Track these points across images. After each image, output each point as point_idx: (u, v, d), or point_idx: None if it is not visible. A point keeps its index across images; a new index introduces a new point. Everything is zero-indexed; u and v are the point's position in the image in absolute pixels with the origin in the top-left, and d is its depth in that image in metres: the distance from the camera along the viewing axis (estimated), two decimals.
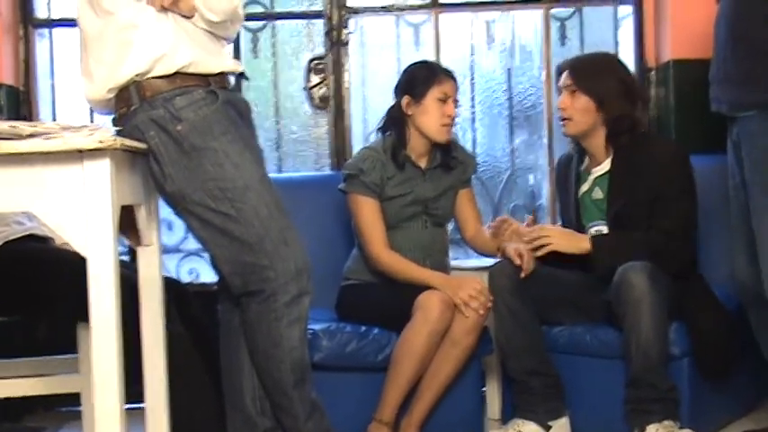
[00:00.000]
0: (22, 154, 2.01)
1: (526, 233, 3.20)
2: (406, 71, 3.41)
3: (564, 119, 3.24)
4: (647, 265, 2.93)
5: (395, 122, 3.36)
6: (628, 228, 3.13)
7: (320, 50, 4.14)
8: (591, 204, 3.26)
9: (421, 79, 3.31)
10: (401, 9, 4.16)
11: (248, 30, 4.11)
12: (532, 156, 4.21)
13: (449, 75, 3.35)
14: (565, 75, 3.24)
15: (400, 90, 3.36)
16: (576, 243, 3.13)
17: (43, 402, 3.54)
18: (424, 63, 3.47)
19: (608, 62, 3.30)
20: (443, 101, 3.28)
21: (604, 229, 3.21)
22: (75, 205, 2.06)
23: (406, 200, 3.32)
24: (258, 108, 4.07)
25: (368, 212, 3.29)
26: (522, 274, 3.11)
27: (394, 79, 3.99)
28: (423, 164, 3.37)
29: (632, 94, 3.21)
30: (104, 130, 2.11)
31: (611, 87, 3.16)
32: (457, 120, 3.40)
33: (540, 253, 3.13)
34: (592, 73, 3.20)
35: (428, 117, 3.29)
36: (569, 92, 3.20)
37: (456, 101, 3.34)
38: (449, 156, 3.40)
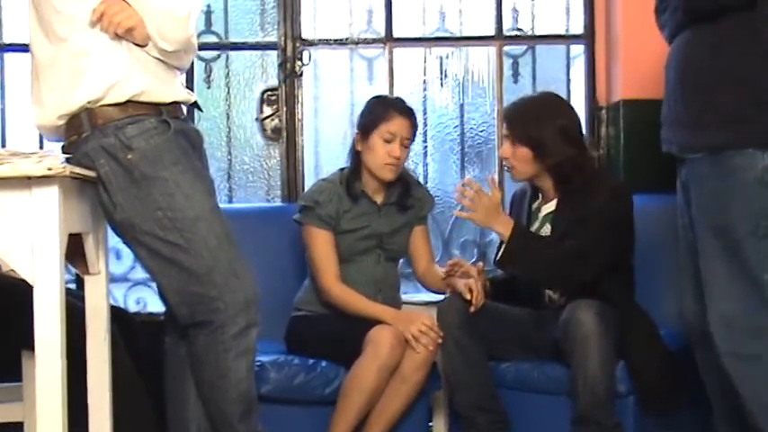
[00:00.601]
0: None
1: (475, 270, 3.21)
2: (365, 105, 3.43)
3: (508, 167, 3.27)
4: (594, 303, 2.96)
5: (351, 156, 3.38)
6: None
7: (273, 82, 4.14)
8: None
9: (371, 117, 3.33)
10: (355, 42, 4.18)
11: (202, 59, 4.10)
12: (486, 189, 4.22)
13: (403, 113, 3.33)
14: (505, 124, 3.27)
15: (357, 123, 3.40)
16: (496, 224, 3.14)
17: None
18: (379, 99, 3.47)
19: (546, 107, 3.26)
20: (389, 141, 3.29)
21: None
22: (22, 232, 2.05)
23: (360, 234, 3.33)
24: (210, 138, 4.06)
25: (321, 245, 3.29)
26: (472, 309, 3.12)
27: (347, 112, 4.06)
28: (379, 199, 3.38)
29: (573, 138, 3.19)
30: (54, 157, 2.09)
31: (547, 135, 3.14)
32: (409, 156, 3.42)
33: (456, 213, 3.23)
34: (528, 122, 3.19)
35: (373, 155, 3.31)
36: (509, 141, 3.23)
37: (407, 139, 3.32)
38: (406, 194, 3.41)
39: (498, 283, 3.36)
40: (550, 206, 3.26)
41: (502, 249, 3.17)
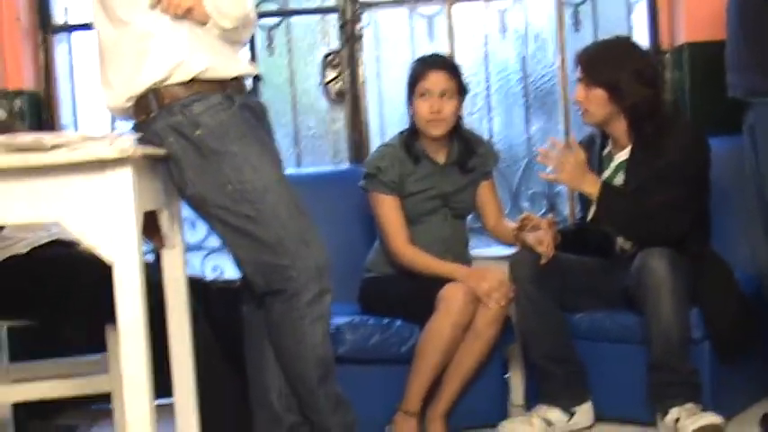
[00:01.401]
0: (46, 166, 2.06)
1: (548, 240, 3.20)
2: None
3: (581, 109, 3.25)
4: (665, 251, 2.96)
5: (409, 120, 3.41)
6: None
7: (335, 45, 4.18)
8: None
9: (410, 79, 3.37)
10: (414, 1, 4.18)
11: (263, 28, 4.14)
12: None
13: (435, 66, 3.35)
14: (578, 68, 3.25)
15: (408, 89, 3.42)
16: (583, 184, 3.13)
17: (74, 401, 3.59)
18: (416, 60, 3.49)
19: (620, 49, 3.27)
20: (424, 96, 3.31)
21: None
22: (99, 213, 2.11)
23: (426, 195, 3.36)
24: (275, 105, 4.11)
25: (388, 210, 3.33)
26: (543, 261, 3.14)
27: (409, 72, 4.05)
28: (441, 160, 3.40)
29: (648, 79, 3.18)
30: (125, 139, 2.15)
31: (623, 76, 3.14)
32: (470, 110, 3.42)
33: (543, 176, 3.20)
34: (603, 63, 3.18)
35: (417, 115, 3.34)
36: (583, 84, 3.21)
37: (448, 91, 3.31)
38: (467, 152, 3.42)
39: (568, 233, 3.37)
40: (623, 154, 3.24)
41: (593, 209, 3.16)
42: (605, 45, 3.34)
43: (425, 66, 3.36)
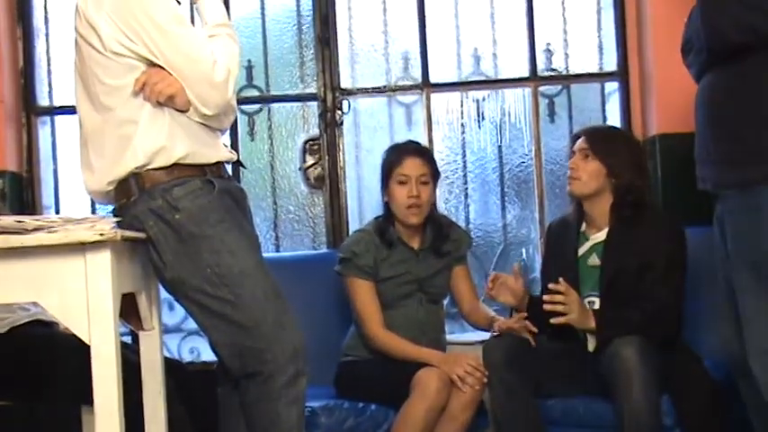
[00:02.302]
0: (27, 248, 2.09)
1: (519, 288, 3.27)
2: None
3: (572, 178, 3.32)
4: (636, 339, 2.99)
5: (384, 207, 3.48)
6: (619, 297, 3.18)
7: (315, 132, 4.25)
8: (586, 270, 3.32)
9: (386, 166, 3.45)
10: (393, 89, 4.28)
11: (244, 113, 4.22)
12: (525, 230, 4.29)
13: (412, 153, 3.43)
14: (581, 140, 3.35)
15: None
16: (586, 322, 3.15)
17: None
18: (391, 147, 3.57)
19: (623, 135, 3.52)
20: (404, 183, 3.37)
21: (596, 302, 3.26)
22: (78, 295, 2.14)
23: (401, 280, 3.40)
24: (255, 189, 4.19)
25: (363, 294, 3.37)
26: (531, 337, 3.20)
27: None
28: (415, 244, 3.45)
29: (641, 169, 3.33)
30: (105, 222, 2.19)
31: (622, 158, 3.28)
32: (447, 197, 3.49)
33: (554, 321, 3.13)
34: (607, 141, 3.33)
35: (395, 202, 3.41)
36: (583, 155, 3.31)
37: (424, 176, 3.39)
38: (441, 237, 3.47)
39: (537, 300, 3.38)
40: (600, 235, 3.30)
41: (596, 340, 3.17)
42: (610, 128, 3.66)
43: (401, 152, 3.44)
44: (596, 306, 3.23)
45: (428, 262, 3.45)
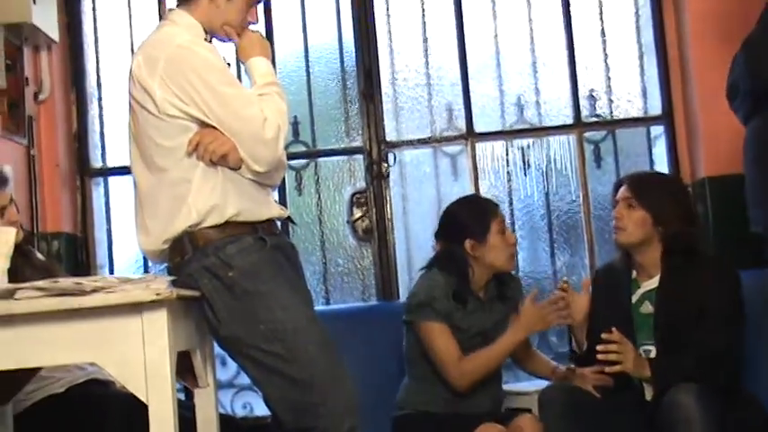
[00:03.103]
0: (85, 309, 2.13)
1: (585, 304, 3.28)
2: (453, 214, 3.47)
3: (617, 228, 3.26)
4: (694, 386, 2.95)
5: (457, 266, 3.38)
6: (675, 346, 3.14)
7: (362, 184, 4.29)
8: (640, 318, 3.26)
9: (479, 219, 3.38)
10: (438, 140, 4.31)
11: (292, 168, 4.27)
12: (575, 276, 4.26)
13: (495, 204, 3.47)
14: (623, 188, 3.28)
15: (456, 235, 3.39)
16: (641, 371, 3.09)
17: None
18: (472, 202, 3.55)
19: (667, 181, 3.42)
20: (503, 232, 3.38)
21: (652, 351, 3.22)
22: (135, 355, 2.17)
23: (469, 333, 3.36)
24: (305, 243, 4.23)
25: (444, 338, 3.30)
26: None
27: (434, 208, 4.15)
28: (482, 295, 3.43)
29: (689, 214, 3.25)
30: (160, 281, 2.23)
31: (668, 205, 3.19)
32: None
33: (609, 370, 3.09)
34: (651, 189, 3.24)
35: (496, 252, 3.36)
36: (626, 204, 3.24)
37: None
38: (500, 282, 3.46)
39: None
40: (651, 283, 3.23)
41: (652, 391, 3.13)
42: (654, 174, 3.56)
43: (490, 204, 3.47)
44: (652, 354, 3.18)
45: (493, 312, 3.42)
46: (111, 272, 4.25)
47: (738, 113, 2.81)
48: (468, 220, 3.41)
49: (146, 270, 4.12)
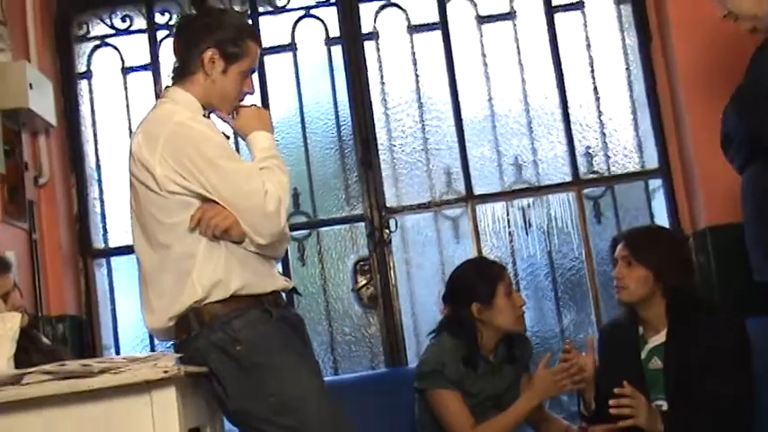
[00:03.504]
0: (94, 390, 2.13)
1: (590, 364, 3.23)
2: (459, 278, 3.47)
3: (619, 287, 3.24)
4: None
5: (465, 330, 3.37)
6: (686, 398, 3.12)
7: (364, 252, 4.29)
8: (649, 374, 3.22)
9: (486, 283, 3.37)
10: (438, 204, 4.32)
11: (294, 239, 4.27)
12: (583, 333, 4.24)
13: (501, 266, 3.46)
14: (620, 246, 3.26)
15: (462, 298, 3.39)
16: (654, 424, 3.05)
17: None
18: (474, 266, 3.53)
19: (664, 234, 3.39)
20: (509, 294, 3.37)
21: (664, 405, 3.19)
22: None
23: (480, 397, 3.33)
24: (310, 313, 4.22)
25: (455, 405, 3.27)
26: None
27: (438, 272, 4.15)
28: (492, 357, 3.41)
29: (688, 265, 3.25)
30: (167, 359, 2.23)
31: (667, 259, 3.17)
32: None
33: (622, 424, 3.04)
34: (649, 244, 3.22)
35: (504, 315, 3.35)
36: (625, 263, 3.22)
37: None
38: (510, 343, 3.44)
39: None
40: (658, 338, 3.20)
41: None
42: (650, 228, 3.51)
43: (497, 267, 3.46)
44: (665, 408, 3.16)
45: (503, 374, 3.40)
46: (118, 352, 4.23)
47: (734, 163, 2.83)
48: (474, 283, 3.40)
49: (152, 348, 4.11)
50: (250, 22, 4.29)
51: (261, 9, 4.42)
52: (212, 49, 2.64)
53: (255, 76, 2.83)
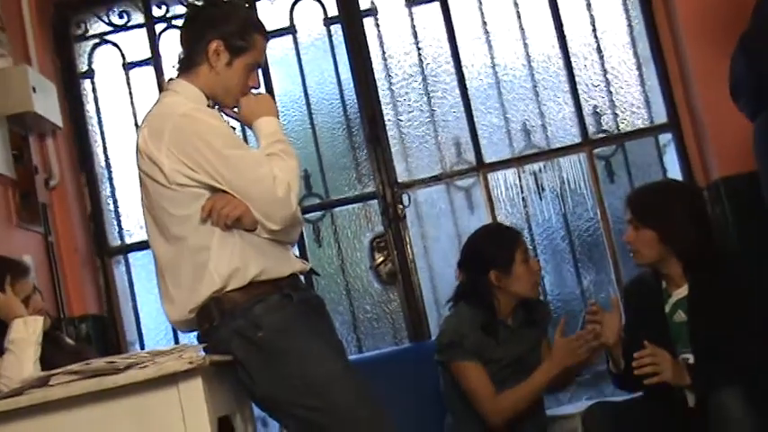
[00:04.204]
0: (120, 387, 2.14)
1: (617, 323, 3.19)
2: (476, 245, 3.47)
3: (631, 251, 3.24)
4: (738, 387, 2.91)
5: (483, 297, 3.37)
6: (712, 351, 3.11)
7: (380, 229, 4.29)
8: (675, 328, 3.21)
9: (504, 249, 3.37)
10: (449, 176, 4.31)
11: (308, 221, 4.27)
12: (603, 293, 4.24)
13: (517, 232, 3.46)
14: (628, 209, 3.25)
15: (480, 266, 3.38)
16: (681, 378, 3.04)
17: None
18: (491, 233, 3.52)
19: (669, 191, 3.29)
20: (527, 261, 3.37)
21: (690, 358, 3.18)
22: (175, 424, 2.18)
23: (502, 363, 3.34)
24: (330, 294, 4.22)
25: (477, 376, 3.28)
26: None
27: (455, 243, 4.15)
28: (511, 322, 3.41)
29: (700, 220, 3.16)
30: (192, 350, 2.24)
31: (674, 217, 3.12)
32: None
33: (648, 382, 3.02)
34: (652, 204, 3.18)
35: (521, 282, 3.35)
36: (633, 227, 3.20)
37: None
38: (528, 307, 3.44)
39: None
40: (681, 291, 3.18)
41: (695, 397, 3.07)
42: (654, 187, 3.37)
43: (514, 233, 3.46)
44: (691, 361, 3.15)
45: (524, 338, 3.41)
46: (142, 347, 4.25)
47: (745, 111, 2.80)
48: (491, 251, 3.39)
49: (176, 341, 4.13)
50: (247, 5, 4.27)
51: None
52: (217, 40, 2.63)
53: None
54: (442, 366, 3.39)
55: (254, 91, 2.74)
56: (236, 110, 2.72)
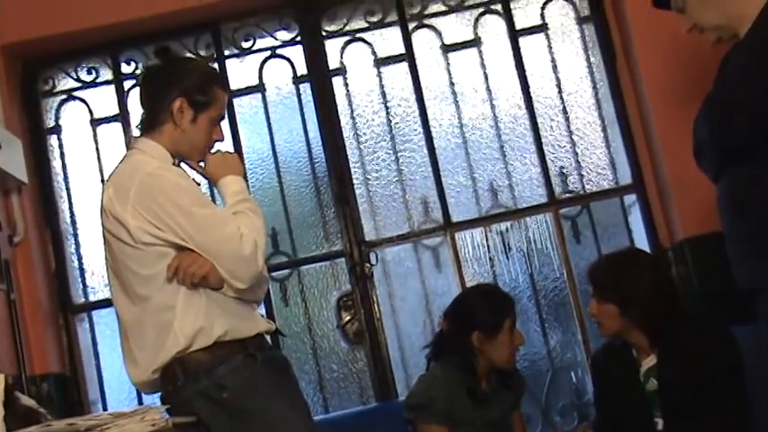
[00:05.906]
0: None
1: None
2: (469, 303, 3.45)
3: (595, 322, 3.25)
4: None
5: (462, 355, 3.35)
6: (685, 416, 3.09)
7: (347, 287, 4.28)
8: (650, 395, 3.17)
9: (491, 316, 3.36)
10: (417, 234, 4.31)
11: (275, 280, 4.25)
12: (570, 353, 4.25)
13: (511, 300, 3.44)
14: (590, 282, 3.26)
15: (466, 324, 3.37)
16: None
17: None
18: (487, 295, 3.48)
19: (627, 262, 3.23)
20: (512, 331, 3.36)
21: (659, 423, 3.17)
22: None
23: (475, 425, 3.32)
24: (297, 353, 4.20)
25: None
26: None
27: (422, 303, 4.14)
28: (485, 386, 3.40)
29: (663, 288, 3.15)
30: (155, 411, 2.20)
31: (632, 289, 3.11)
32: None
33: None
34: (611, 279, 3.17)
35: (500, 350, 3.34)
36: (595, 300, 3.21)
37: None
38: (505, 376, 3.44)
39: None
40: (650, 360, 3.17)
41: None
42: (611, 260, 3.31)
43: (509, 301, 3.43)
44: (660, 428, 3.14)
45: (501, 401, 3.41)
46: (105, 407, 4.18)
47: (708, 173, 2.82)
48: (483, 313, 3.38)
49: (140, 401, 4.07)
50: (216, 65, 4.30)
51: (227, 52, 4.41)
52: (180, 98, 2.64)
53: (226, 119, 2.83)
54: (410, 425, 3.37)
55: (219, 147, 2.74)
56: (201, 164, 2.72)
